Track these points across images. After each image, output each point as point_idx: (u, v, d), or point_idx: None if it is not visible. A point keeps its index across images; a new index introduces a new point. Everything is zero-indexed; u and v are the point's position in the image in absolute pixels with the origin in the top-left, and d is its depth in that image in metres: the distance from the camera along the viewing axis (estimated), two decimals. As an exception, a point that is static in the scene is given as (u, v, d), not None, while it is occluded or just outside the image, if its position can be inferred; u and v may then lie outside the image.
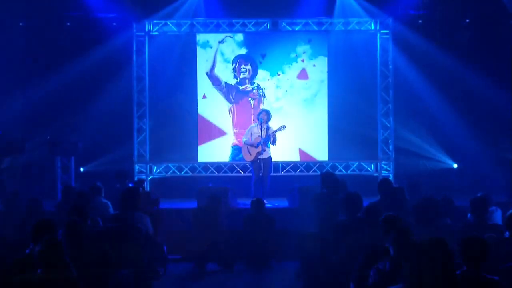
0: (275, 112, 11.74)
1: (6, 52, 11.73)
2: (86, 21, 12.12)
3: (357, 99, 12.20)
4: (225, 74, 12.49)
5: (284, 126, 10.49)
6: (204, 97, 12.51)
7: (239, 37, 12.54)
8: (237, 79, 12.47)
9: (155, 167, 12.53)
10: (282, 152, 11.80)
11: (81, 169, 12.20)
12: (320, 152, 12.48)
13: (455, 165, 12.33)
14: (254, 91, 12.45)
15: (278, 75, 12.46)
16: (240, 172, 12.34)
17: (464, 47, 12.11)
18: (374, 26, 12.42)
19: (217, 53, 12.49)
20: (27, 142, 11.19)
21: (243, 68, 12.46)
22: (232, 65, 12.49)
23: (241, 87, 12.46)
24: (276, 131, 10.42)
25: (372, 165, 12.50)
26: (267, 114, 10.48)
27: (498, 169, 11.52)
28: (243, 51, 12.51)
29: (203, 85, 12.47)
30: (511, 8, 11.27)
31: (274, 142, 10.46)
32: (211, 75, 12.48)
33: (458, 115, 12.03)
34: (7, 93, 11.82)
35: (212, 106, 12.50)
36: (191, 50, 12.48)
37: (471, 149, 11.88)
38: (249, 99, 12.45)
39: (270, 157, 10.60)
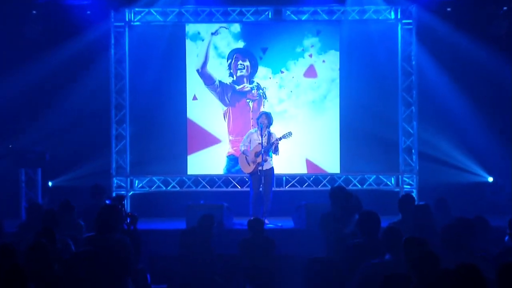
0: (278, 116, 11.78)
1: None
2: (55, 9, 12.10)
3: (374, 101, 12.24)
4: (219, 71, 12.53)
5: (290, 133, 10.48)
6: (195, 98, 12.54)
7: (236, 28, 12.58)
8: (233, 77, 12.51)
9: (136, 181, 12.54)
10: (286, 163, 11.84)
11: (49, 184, 12.20)
12: (331, 163, 12.50)
13: (490, 179, 12.33)
14: (253, 91, 12.48)
15: (282, 72, 12.50)
16: (237, 187, 12.34)
17: (500, 40, 12.12)
18: (395, 15, 12.46)
19: (209, 47, 12.53)
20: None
21: (241, 64, 12.49)
22: (227, 61, 12.52)
23: (238, 87, 12.49)
24: (280, 138, 10.41)
25: (393, 179, 12.52)
26: (267, 118, 10.48)
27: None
28: (241, 44, 12.56)
29: (194, 84, 12.50)
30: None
31: (276, 151, 10.45)
32: (202, 73, 12.51)
33: (494, 120, 12.05)
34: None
35: (204, 109, 12.53)
36: (179, 44, 12.51)
37: (508, 160, 11.89)
38: (248, 100, 12.48)
39: (272, 168, 10.60)
